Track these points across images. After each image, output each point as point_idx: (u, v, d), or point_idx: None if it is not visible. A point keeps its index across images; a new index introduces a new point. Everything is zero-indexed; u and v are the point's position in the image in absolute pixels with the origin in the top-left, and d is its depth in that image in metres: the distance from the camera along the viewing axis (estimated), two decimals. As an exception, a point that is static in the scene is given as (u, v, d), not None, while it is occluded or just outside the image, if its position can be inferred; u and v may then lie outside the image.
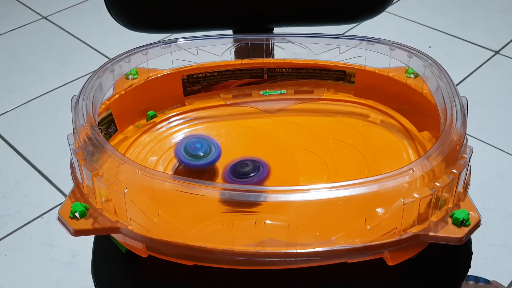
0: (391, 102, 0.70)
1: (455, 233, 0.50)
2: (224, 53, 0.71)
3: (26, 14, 1.98)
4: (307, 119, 0.70)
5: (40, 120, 1.53)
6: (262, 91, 0.73)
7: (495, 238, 1.16)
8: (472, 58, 1.68)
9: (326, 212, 0.52)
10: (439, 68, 0.63)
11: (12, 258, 1.18)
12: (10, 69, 1.73)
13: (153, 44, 0.69)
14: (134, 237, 0.53)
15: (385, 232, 0.51)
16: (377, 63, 0.70)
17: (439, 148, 0.53)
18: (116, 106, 0.66)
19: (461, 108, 0.57)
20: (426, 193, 0.50)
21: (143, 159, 0.65)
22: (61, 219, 0.52)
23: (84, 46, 1.80)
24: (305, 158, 0.64)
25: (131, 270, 0.61)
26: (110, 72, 0.65)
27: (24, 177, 1.35)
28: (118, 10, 0.74)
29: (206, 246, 0.51)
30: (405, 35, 1.78)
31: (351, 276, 0.57)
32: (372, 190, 0.50)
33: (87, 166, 0.53)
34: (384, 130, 0.68)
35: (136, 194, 0.51)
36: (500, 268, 1.10)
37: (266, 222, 0.50)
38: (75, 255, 1.17)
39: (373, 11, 0.76)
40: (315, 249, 0.51)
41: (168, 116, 0.70)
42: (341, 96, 0.72)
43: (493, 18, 1.85)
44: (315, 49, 0.70)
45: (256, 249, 0.51)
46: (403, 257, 0.54)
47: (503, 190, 1.27)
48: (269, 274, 0.57)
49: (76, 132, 0.56)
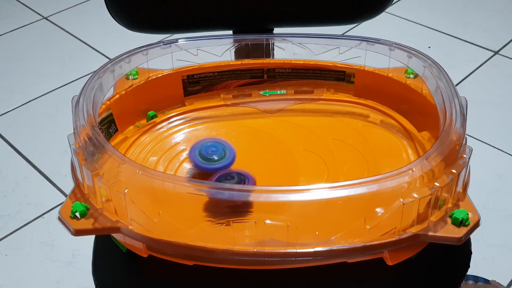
0: (391, 102, 0.70)
1: (455, 233, 0.50)
2: (224, 53, 0.71)
3: (27, 14, 1.98)
4: (307, 119, 0.70)
5: (40, 120, 1.53)
6: (262, 91, 0.73)
7: (495, 238, 1.16)
8: (471, 58, 1.68)
9: (326, 212, 0.52)
10: (439, 68, 0.63)
11: (12, 258, 1.18)
12: (10, 69, 1.73)
13: (153, 44, 0.69)
14: (134, 237, 0.53)
15: (384, 232, 0.51)
16: (376, 64, 0.70)
17: (438, 148, 0.53)
18: (116, 106, 0.66)
19: (461, 108, 0.57)
20: (425, 193, 0.50)
21: (143, 159, 0.65)
22: (62, 219, 0.52)
23: (85, 46, 1.80)
24: (305, 158, 0.64)
25: (132, 270, 0.61)
26: (110, 73, 0.65)
27: (25, 177, 1.35)
28: (118, 11, 0.74)
29: (206, 246, 0.51)
30: (404, 35, 1.78)
31: (351, 276, 0.57)
32: (372, 190, 0.50)
33: (87, 166, 0.53)
34: (383, 130, 0.68)
35: (136, 194, 0.51)
36: (500, 268, 1.10)
37: (266, 222, 0.50)
38: (75, 255, 1.17)
39: (373, 11, 0.77)
40: (315, 249, 0.51)
41: (168, 116, 0.71)
42: (340, 96, 0.72)
43: (493, 18, 1.85)
44: (315, 50, 0.70)
45: (256, 249, 0.51)
46: (402, 257, 0.54)
47: (503, 190, 1.27)
48: (269, 274, 0.57)
49: (76, 132, 0.56)
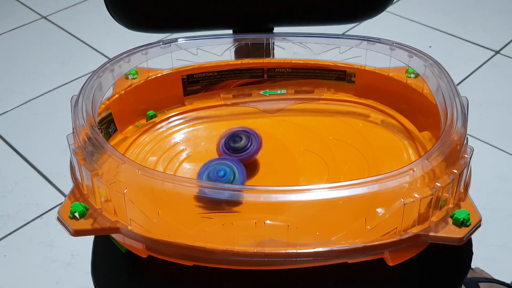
0: (392, 102, 0.70)
1: (456, 233, 0.50)
2: (224, 53, 0.71)
3: (26, 14, 1.98)
4: (307, 119, 0.70)
5: (39, 120, 1.53)
6: (262, 91, 0.73)
7: (496, 238, 1.16)
8: (472, 58, 1.68)
9: (326, 212, 0.52)
10: (440, 68, 0.63)
11: (11, 258, 1.17)
12: (10, 69, 1.73)
13: (153, 44, 0.69)
14: (133, 237, 0.53)
15: (385, 232, 0.51)
16: (377, 63, 0.69)
17: (439, 148, 0.52)
18: (115, 106, 0.66)
19: (462, 108, 0.57)
20: (426, 193, 0.50)
21: (143, 159, 0.65)
22: (61, 219, 0.52)
23: (84, 46, 1.80)
24: (305, 158, 0.64)
25: (131, 270, 0.60)
26: (109, 72, 0.64)
27: (24, 177, 1.35)
28: (118, 10, 0.74)
29: (206, 246, 0.51)
30: (405, 35, 1.78)
31: (351, 276, 0.57)
32: (372, 190, 0.49)
33: (86, 166, 0.53)
34: (384, 130, 0.68)
35: (135, 194, 0.51)
36: (501, 268, 1.10)
37: (266, 222, 0.50)
38: (74, 255, 1.17)
39: (373, 11, 0.76)
40: (315, 249, 0.50)
41: (168, 116, 0.70)
42: (341, 96, 0.72)
43: (493, 18, 1.85)
44: (315, 49, 0.70)
45: (256, 249, 0.51)
46: (403, 257, 0.54)
47: (504, 190, 1.27)
48: (269, 274, 0.57)
49: (75, 132, 0.56)
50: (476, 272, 1.05)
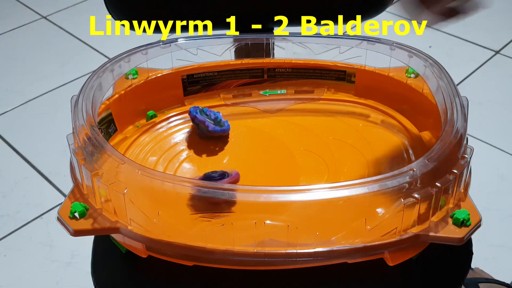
0: (392, 102, 0.70)
1: (456, 233, 0.50)
2: (224, 53, 0.71)
3: (26, 13, 1.98)
4: (307, 119, 0.70)
5: (39, 120, 1.53)
6: (262, 91, 0.73)
7: (496, 238, 1.16)
8: (472, 58, 1.67)
9: (326, 212, 0.52)
10: (440, 68, 0.63)
11: (11, 258, 1.17)
12: (10, 69, 1.72)
13: (153, 44, 0.69)
14: (133, 237, 0.53)
15: (385, 233, 0.51)
16: (377, 63, 0.69)
17: (439, 148, 0.52)
18: (115, 106, 0.66)
19: (462, 108, 0.57)
20: (426, 193, 0.50)
21: (142, 159, 0.65)
22: (61, 219, 0.52)
23: (84, 46, 1.80)
24: (305, 158, 0.64)
25: (131, 270, 0.60)
26: (109, 72, 0.64)
27: (24, 177, 1.35)
28: (118, 10, 0.74)
29: (206, 246, 0.51)
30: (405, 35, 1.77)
31: (351, 276, 0.57)
32: (373, 190, 0.49)
33: (86, 166, 0.53)
34: (384, 130, 0.68)
35: (135, 194, 0.51)
36: (501, 269, 1.10)
37: (266, 222, 0.50)
38: (74, 255, 1.17)
39: (373, 11, 0.76)
40: (315, 250, 0.50)
41: (168, 116, 0.70)
42: (341, 96, 0.72)
43: (493, 18, 1.85)
44: (315, 49, 0.70)
45: (256, 249, 0.51)
46: (403, 257, 0.54)
47: (504, 190, 1.27)
48: (269, 274, 0.57)
49: (75, 132, 0.56)
50: (476, 272, 1.05)
